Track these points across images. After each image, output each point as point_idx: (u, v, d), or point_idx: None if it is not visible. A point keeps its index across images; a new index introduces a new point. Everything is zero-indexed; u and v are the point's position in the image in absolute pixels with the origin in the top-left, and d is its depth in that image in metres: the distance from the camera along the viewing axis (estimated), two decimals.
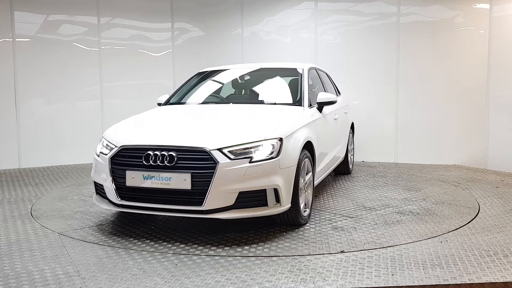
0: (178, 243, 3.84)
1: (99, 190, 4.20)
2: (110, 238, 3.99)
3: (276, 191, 3.77)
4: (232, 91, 5.60)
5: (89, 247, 3.77)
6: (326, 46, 8.24)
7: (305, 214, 4.28)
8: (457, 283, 3.03)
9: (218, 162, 3.63)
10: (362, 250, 3.63)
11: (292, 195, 3.95)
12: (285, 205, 3.87)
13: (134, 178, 3.80)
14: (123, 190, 3.89)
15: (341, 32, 8.18)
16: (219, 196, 3.62)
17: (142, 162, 3.79)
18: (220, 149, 3.67)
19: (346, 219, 4.48)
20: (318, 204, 5.06)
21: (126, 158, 3.91)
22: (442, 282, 3.04)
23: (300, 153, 4.09)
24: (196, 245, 3.78)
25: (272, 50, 8.48)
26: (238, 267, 3.31)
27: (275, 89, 5.37)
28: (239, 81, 5.69)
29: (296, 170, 3.99)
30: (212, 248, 3.72)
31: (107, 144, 4.12)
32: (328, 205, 5.01)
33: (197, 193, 3.66)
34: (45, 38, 7.78)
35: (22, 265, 3.38)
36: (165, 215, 4.54)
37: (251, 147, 3.75)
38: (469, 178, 6.50)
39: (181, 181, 3.66)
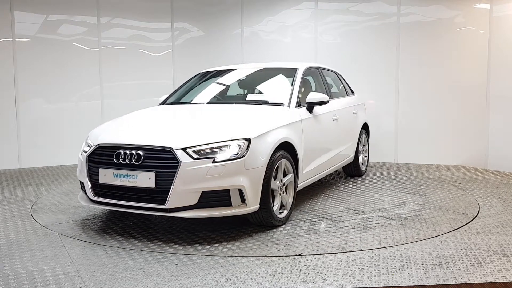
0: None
1: (82, 187, 4.34)
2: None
3: (240, 191, 3.78)
4: (224, 91, 5.55)
5: (89, 247, 3.77)
6: (326, 46, 8.24)
7: (282, 215, 4.26)
8: (457, 283, 3.03)
9: (180, 162, 3.68)
10: (324, 253, 3.57)
11: (263, 196, 3.94)
12: (252, 205, 3.87)
13: (106, 176, 3.94)
14: (97, 187, 4.03)
15: (341, 32, 8.18)
16: (182, 195, 3.68)
17: (113, 160, 3.92)
18: (184, 149, 3.73)
19: (327, 222, 4.38)
20: (306, 205, 5.00)
21: (100, 156, 4.04)
22: (442, 282, 3.04)
23: (273, 154, 4.05)
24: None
25: (272, 50, 8.48)
26: (238, 267, 3.31)
27: (264, 89, 5.39)
28: (233, 81, 5.66)
29: (267, 171, 3.96)
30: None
31: (89, 143, 4.25)
32: (317, 207, 4.94)
33: (161, 192, 3.73)
34: (45, 38, 7.78)
35: (22, 265, 3.38)
36: (138, 213, 4.35)
37: (215, 147, 3.78)
38: (469, 178, 6.50)
39: (146, 179, 3.75)
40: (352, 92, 6.82)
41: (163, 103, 5.49)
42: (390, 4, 7.80)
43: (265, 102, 4.90)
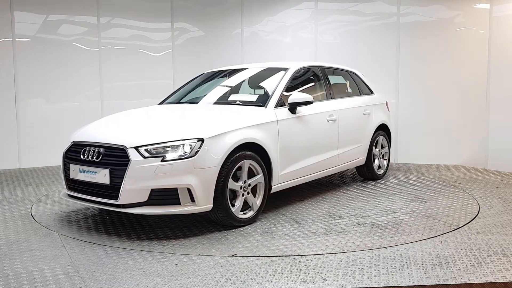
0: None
1: None
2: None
3: (189, 190, 3.84)
4: (214, 92, 5.54)
5: (89, 247, 3.77)
6: (326, 46, 8.24)
7: (246, 216, 4.27)
8: (457, 283, 3.03)
9: (131, 160, 3.82)
10: (256, 256, 3.58)
11: (218, 196, 3.97)
12: (203, 205, 3.91)
13: (74, 171, 4.21)
14: (69, 182, 4.31)
15: (341, 32, 8.18)
16: (132, 192, 3.81)
17: (80, 156, 4.18)
18: (136, 147, 3.87)
19: (293, 225, 4.31)
20: (287, 207, 4.92)
21: (72, 153, 4.32)
22: (442, 282, 3.04)
23: (232, 154, 4.07)
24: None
25: (272, 50, 8.48)
26: (238, 267, 3.31)
27: (251, 90, 5.38)
28: (224, 82, 5.67)
29: (223, 171, 3.98)
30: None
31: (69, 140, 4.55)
32: (297, 210, 4.84)
33: (115, 188, 3.87)
34: (45, 38, 7.78)
35: (22, 265, 3.38)
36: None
37: (167, 147, 3.88)
38: (469, 178, 6.50)
39: (103, 176, 3.95)
40: (371, 91, 6.55)
41: (161, 103, 5.65)
42: (390, 4, 7.80)
43: (245, 102, 4.92)
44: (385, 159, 6.62)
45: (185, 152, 3.86)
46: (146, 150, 3.86)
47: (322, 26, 8.25)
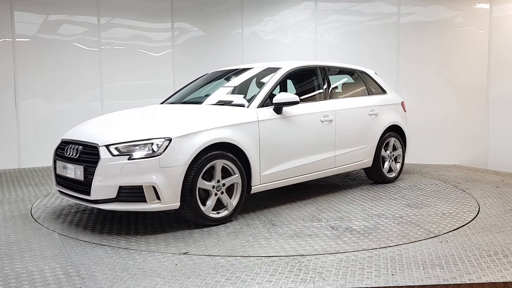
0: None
1: None
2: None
3: (155, 188, 3.93)
4: (207, 92, 5.56)
5: (89, 247, 3.77)
6: (326, 46, 8.24)
7: (219, 215, 4.31)
8: (457, 283, 3.03)
9: (100, 157, 3.98)
10: (206, 255, 3.59)
11: (187, 195, 4.04)
12: (168, 203, 3.98)
13: (59, 167, 4.46)
14: (57, 177, 4.56)
15: (341, 32, 8.18)
16: (102, 188, 3.97)
17: (64, 153, 4.40)
18: (107, 146, 4.04)
19: (265, 226, 4.28)
20: (272, 208, 4.88)
21: (61, 150, 4.52)
22: (442, 282, 3.04)
23: (202, 154, 4.12)
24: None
25: (272, 50, 8.48)
26: (238, 267, 3.31)
27: (237, 90, 5.33)
28: (217, 82, 5.68)
29: (191, 170, 4.04)
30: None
31: None
32: (277, 211, 4.77)
33: (88, 184, 4.05)
34: (45, 38, 7.78)
35: (22, 265, 3.38)
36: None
37: (135, 145, 4.01)
38: (469, 178, 6.50)
39: (78, 172, 4.16)
40: (383, 91, 6.32)
41: (162, 103, 5.70)
42: (390, 4, 7.80)
43: (229, 103, 4.95)
44: (398, 162, 6.32)
45: (152, 151, 3.97)
46: (116, 148, 4.01)
47: (322, 26, 8.25)
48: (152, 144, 3.99)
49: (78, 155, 4.21)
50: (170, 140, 4.01)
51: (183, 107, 5.12)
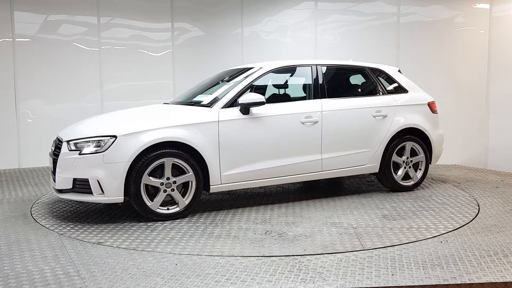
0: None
1: None
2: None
3: (99, 182, 4.26)
4: (195, 92, 5.57)
5: (89, 247, 3.77)
6: (326, 46, 8.24)
7: (169, 211, 4.49)
8: (457, 283, 3.04)
9: (61, 152, 4.43)
10: (122, 248, 3.60)
11: (134, 190, 4.29)
12: (112, 196, 4.29)
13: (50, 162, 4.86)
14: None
15: (341, 32, 8.18)
16: (62, 179, 4.40)
17: (51, 148, 4.83)
18: (67, 141, 4.45)
19: (208, 225, 4.30)
20: (246, 210, 4.84)
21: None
22: (442, 282, 3.04)
23: (149, 152, 4.33)
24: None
25: (272, 50, 8.48)
26: (238, 267, 3.31)
27: (214, 91, 5.26)
28: (207, 83, 5.69)
29: (136, 166, 4.29)
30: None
31: None
32: (250, 213, 4.73)
33: (55, 175, 4.49)
34: (45, 38, 7.77)
35: (22, 265, 3.38)
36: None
37: (87, 142, 4.38)
38: (469, 178, 6.50)
39: (51, 164, 4.67)
40: (404, 90, 5.82)
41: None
42: (390, 4, 7.80)
43: (198, 103, 5.04)
44: (419, 169, 5.72)
45: (99, 147, 4.31)
46: (74, 144, 4.41)
47: (322, 26, 8.24)
48: (100, 141, 4.34)
49: (54, 149, 4.67)
50: (115, 137, 4.31)
51: (161, 107, 5.34)
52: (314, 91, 5.34)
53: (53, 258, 3.51)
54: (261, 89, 5.43)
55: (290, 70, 5.55)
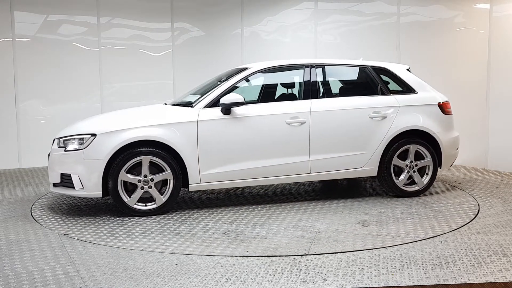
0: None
1: None
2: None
3: (79, 177, 4.52)
4: (190, 93, 5.64)
5: (89, 247, 3.77)
6: (326, 46, 8.24)
7: (146, 208, 4.63)
8: (457, 283, 3.04)
9: (52, 148, 4.77)
10: (88, 242, 3.61)
11: (112, 186, 4.50)
12: (91, 191, 4.55)
13: None
14: None
15: (341, 32, 8.18)
16: (53, 174, 4.70)
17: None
18: (58, 138, 4.76)
19: (179, 224, 4.34)
20: (227, 209, 4.85)
21: None
22: (442, 282, 3.04)
23: (125, 150, 4.51)
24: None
25: (272, 50, 8.48)
26: (238, 267, 3.31)
27: (205, 91, 5.21)
28: (209, 83, 5.65)
29: (112, 163, 4.50)
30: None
31: None
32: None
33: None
34: (45, 38, 7.78)
35: (22, 265, 3.38)
36: None
37: (72, 139, 4.64)
38: (469, 178, 6.50)
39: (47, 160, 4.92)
40: (412, 90, 5.53)
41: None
42: (390, 4, 7.80)
43: (185, 103, 5.12)
44: (426, 174, 5.37)
45: (80, 145, 4.56)
46: (62, 141, 4.69)
47: (322, 26, 8.25)
48: (82, 139, 4.59)
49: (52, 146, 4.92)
50: (95, 135, 4.55)
51: (154, 107, 5.42)
52: (305, 91, 5.22)
53: (53, 258, 3.51)
54: (253, 90, 5.50)
55: (280, 70, 5.46)
